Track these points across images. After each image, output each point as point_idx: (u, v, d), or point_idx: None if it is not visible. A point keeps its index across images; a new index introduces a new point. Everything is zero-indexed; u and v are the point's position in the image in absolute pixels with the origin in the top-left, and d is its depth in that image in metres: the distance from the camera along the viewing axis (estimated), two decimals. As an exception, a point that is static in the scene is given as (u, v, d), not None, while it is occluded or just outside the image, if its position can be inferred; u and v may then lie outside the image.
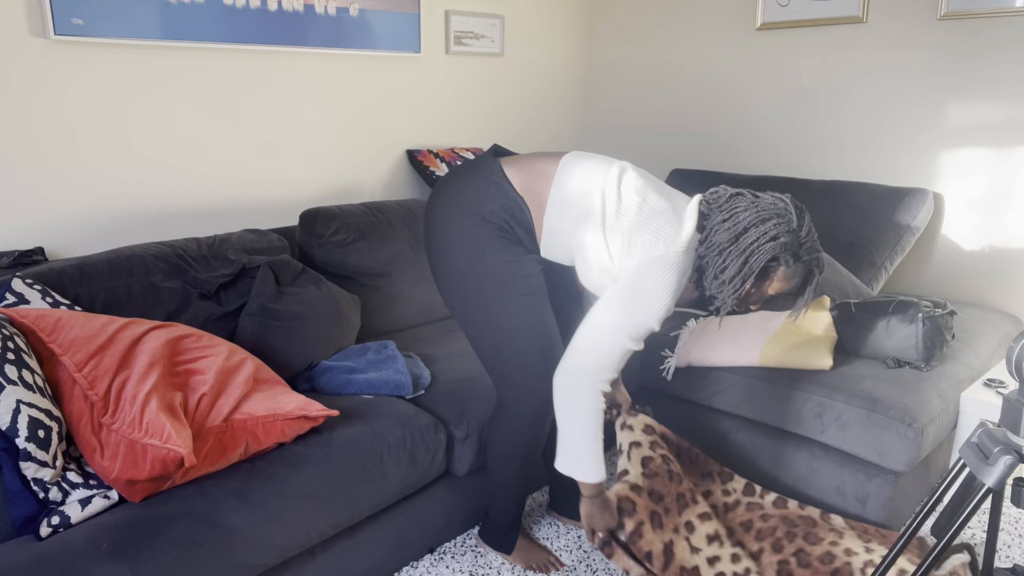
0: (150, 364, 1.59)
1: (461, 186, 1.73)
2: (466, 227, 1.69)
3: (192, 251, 2.13)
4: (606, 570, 2.03)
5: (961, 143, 2.73)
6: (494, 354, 1.76)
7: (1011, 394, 1.36)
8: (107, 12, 2.16)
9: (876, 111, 2.91)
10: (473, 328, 1.76)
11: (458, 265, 1.71)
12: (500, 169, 1.71)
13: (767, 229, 1.52)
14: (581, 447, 1.67)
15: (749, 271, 1.53)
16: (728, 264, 1.54)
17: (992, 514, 1.40)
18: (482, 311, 1.72)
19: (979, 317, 2.59)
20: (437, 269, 1.77)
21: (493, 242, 1.68)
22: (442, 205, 1.74)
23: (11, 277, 1.77)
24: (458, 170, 1.78)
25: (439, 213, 1.74)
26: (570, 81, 3.70)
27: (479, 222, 1.68)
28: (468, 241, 1.69)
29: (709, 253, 1.57)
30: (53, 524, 1.44)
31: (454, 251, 1.71)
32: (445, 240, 1.72)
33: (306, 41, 2.62)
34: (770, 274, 1.56)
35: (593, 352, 1.61)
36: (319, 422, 1.74)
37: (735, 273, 1.54)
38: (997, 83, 2.62)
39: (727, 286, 1.55)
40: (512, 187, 1.68)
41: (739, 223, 1.54)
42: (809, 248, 1.55)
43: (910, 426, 1.96)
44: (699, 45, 3.37)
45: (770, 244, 1.52)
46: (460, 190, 1.72)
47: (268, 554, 1.57)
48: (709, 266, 1.57)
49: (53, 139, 2.16)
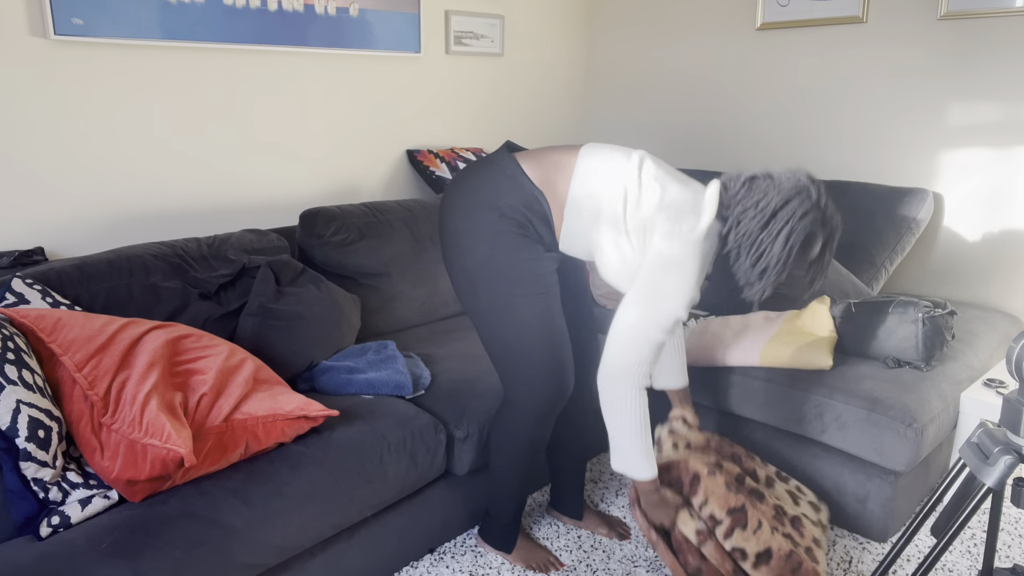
0: (150, 364, 1.59)
1: (477, 182, 1.72)
2: (484, 223, 1.68)
3: (192, 251, 2.13)
4: (606, 570, 2.03)
5: (961, 143, 2.73)
6: (504, 351, 1.76)
7: (1011, 394, 1.36)
8: (107, 12, 2.16)
9: (876, 111, 2.91)
10: (485, 325, 1.76)
11: (475, 262, 1.71)
12: (516, 164, 1.70)
13: (795, 208, 1.52)
14: (630, 444, 1.68)
15: (789, 253, 1.53)
16: (765, 250, 1.54)
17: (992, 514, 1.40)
18: (496, 308, 1.72)
19: (979, 317, 2.59)
20: (452, 265, 1.77)
21: (511, 239, 1.68)
22: (458, 201, 1.73)
23: (11, 277, 1.77)
24: (473, 166, 1.77)
25: (455, 209, 1.73)
26: (570, 81, 3.70)
27: (497, 218, 1.68)
28: (486, 238, 1.68)
29: (742, 243, 1.56)
30: (53, 524, 1.44)
31: (471, 247, 1.70)
32: (462, 236, 1.72)
33: (306, 41, 2.62)
34: (807, 250, 1.57)
35: (626, 351, 1.62)
36: (319, 422, 1.74)
37: (778, 258, 1.53)
38: (997, 83, 2.62)
39: (771, 271, 1.55)
40: (530, 181, 1.68)
41: (766, 208, 1.54)
42: (831, 214, 1.57)
43: (910, 426, 1.96)
44: (699, 45, 3.37)
45: (802, 223, 1.52)
46: (477, 186, 1.71)
47: (268, 554, 1.57)
48: (744, 255, 1.57)
49: (53, 139, 2.16)
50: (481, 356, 2.26)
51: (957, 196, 2.77)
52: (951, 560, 2.07)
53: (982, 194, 2.71)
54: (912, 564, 2.05)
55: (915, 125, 2.82)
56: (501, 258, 1.68)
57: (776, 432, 2.25)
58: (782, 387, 2.16)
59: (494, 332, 1.75)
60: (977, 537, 2.17)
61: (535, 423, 1.82)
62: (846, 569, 2.03)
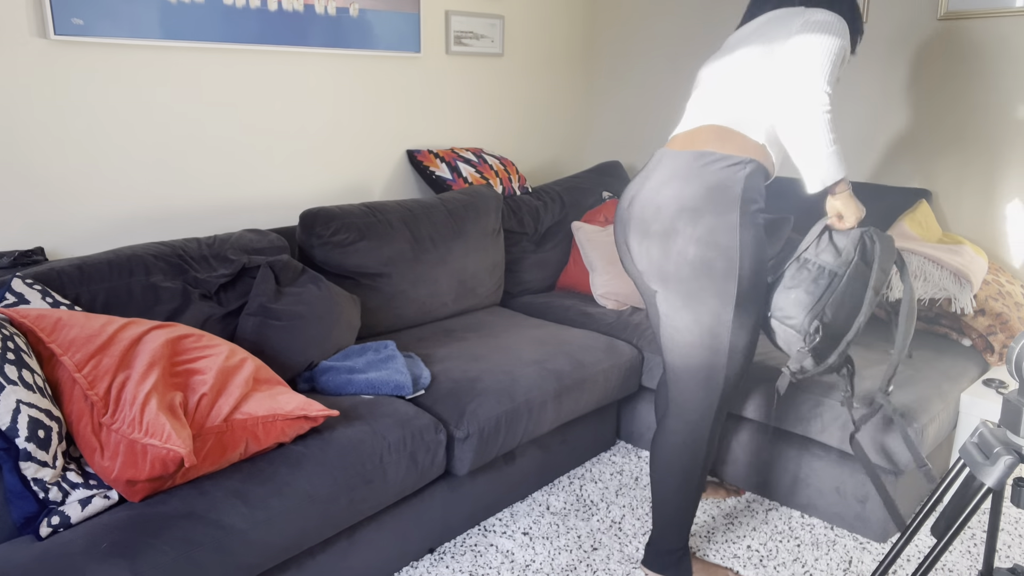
0: (150, 364, 1.59)
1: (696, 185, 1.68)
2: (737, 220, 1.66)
3: (192, 251, 2.13)
4: (606, 570, 2.03)
5: (961, 143, 2.73)
6: (700, 360, 1.74)
7: (1011, 394, 1.36)
8: (107, 12, 2.16)
9: (876, 111, 2.91)
10: (690, 329, 1.72)
11: (737, 261, 1.66)
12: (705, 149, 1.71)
13: None
14: (829, 151, 1.62)
15: None
16: None
17: (992, 514, 1.40)
18: (716, 314, 1.69)
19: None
20: (680, 263, 1.70)
21: (760, 239, 1.69)
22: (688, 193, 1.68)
23: (11, 277, 1.77)
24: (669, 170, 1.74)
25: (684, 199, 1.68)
26: (570, 81, 3.70)
27: (749, 215, 1.67)
28: (745, 238, 1.66)
29: None
30: (53, 524, 1.44)
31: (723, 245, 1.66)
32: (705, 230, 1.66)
33: (306, 41, 2.62)
34: None
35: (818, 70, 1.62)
36: (319, 422, 1.74)
37: None
38: (997, 83, 2.62)
39: None
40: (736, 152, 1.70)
41: None
42: None
43: (910, 426, 1.96)
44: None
45: None
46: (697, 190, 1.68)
47: (268, 554, 1.57)
48: None
49: (53, 139, 2.16)
50: (481, 356, 2.26)
51: (956, 196, 2.77)
52: (951, 560, 2.07)
53: (982, 194, 2.71)
54: (912, 564, 2.05)
55: (915, 125, 2.82)
56: (750, 260, 1.73)
57: (776, 432, 2.25)
58: (782, 387, 2.16)
59: (699, 339, 1.75)
60: (977, 537, 2.17)
61: (708, 435, 1.81)
62: (846, 569, 2.03)
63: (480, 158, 3.08)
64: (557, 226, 3.06)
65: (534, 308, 2.85)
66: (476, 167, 3.02)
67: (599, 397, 2.36)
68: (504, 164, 3.13)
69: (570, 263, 2.99)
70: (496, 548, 2.11)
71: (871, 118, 2.92)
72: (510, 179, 3.10)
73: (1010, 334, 2.35)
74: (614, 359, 2.40)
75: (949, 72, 2.71)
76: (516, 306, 2.91)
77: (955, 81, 2.70)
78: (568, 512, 2.28)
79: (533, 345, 2.35)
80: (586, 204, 3.16)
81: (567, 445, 2.45)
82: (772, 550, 2.12)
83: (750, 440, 2.31)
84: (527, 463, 2.31)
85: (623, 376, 2.43)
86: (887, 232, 2.60)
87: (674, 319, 1.74)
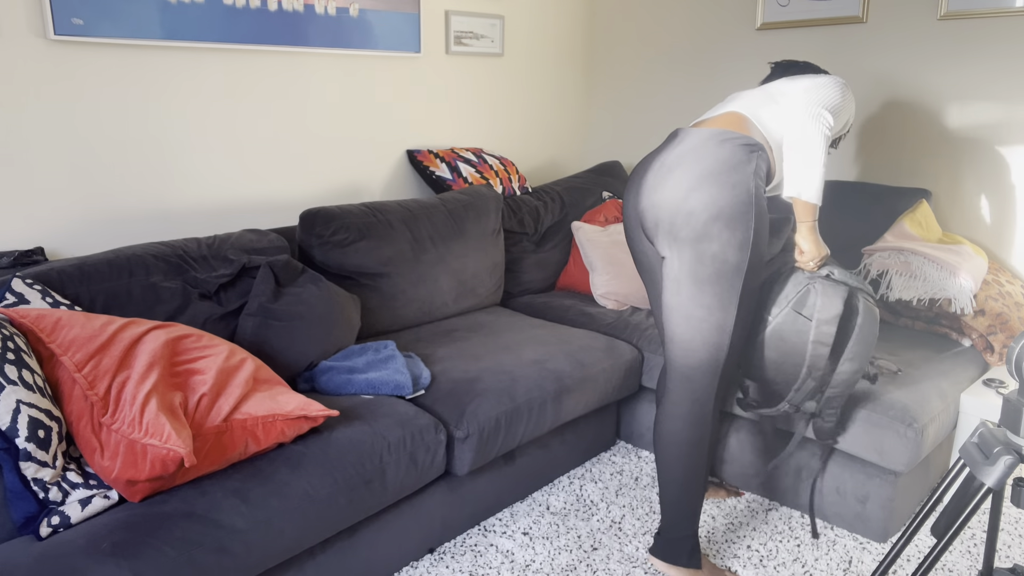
0: (150, 364, 1.59)
1: (711, 162, 1.76)
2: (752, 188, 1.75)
3: (192, 251, 2.13)
4: (606, 570, 2.03)
5: (961, 143, 2.73)
6: (705, 352, 1.80)
7: (1011, 394, 1.36)
8: (107, 12, 2.16)
9: (876, 111, 2.91)
10: (698, 320, 1.78)
11: (746, 253, 1.74)
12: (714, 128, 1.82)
13: None
14: (816, 173, 1.75)
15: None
16: None
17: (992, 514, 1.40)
18: (725, 305, 1.76)
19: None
20: (699, 259, 1.76)
21: (766, 227, 1.77)
22: (698, 178, 1.76)
23: (11, 277, 1.77)
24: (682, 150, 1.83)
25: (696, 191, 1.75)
26: (570, 81, 3.70)
27: (755, 204, 1.73)
28: (752, 227, 1.74)
29: None
30: (53, 524, 1.44)
31: (731, 238, 1.73)
32: (713, 223, 1.73)
33: (306, 41, 2.62)
34: None
35: (822, 98, 1.79)
36: (319, 422, 1.74)
37: None
38: (997, 83, 2.62)
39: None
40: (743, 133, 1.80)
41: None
42: None
43: (910, 426, 1.96)
44: (700, 46, 3.37)
45: None
46: (713, 165, 1.76)
47: (268, 554, 1.57)
48: None
49: (53, 139, 2.16)
50: (481, 356, 2.26)
51: (956, 196, 2.77)
52: (951, 560, 2.07)
53: (982, 194, 2.71)
54: (912, 564, 2.05)
55: (915, 125, 2.82)
56: (756, 249, 1.82)
57: (776, 432, 2.25)
58: (782, 387, 2.16)
59: (710, 329, 1.81)
60: (977, 537, 2.17)
61: (712, 421, 1.88)
62: (846, 569, 2.03)
63: (480, 158, 3.08)
64: (557, 226, 3.06)
65: (534, 308, 2.85)
66: (476, 167, 3.02)
67: (599, 397, 2.36)
68: (504, 164, 3.13)
69: (570, 263, 2.99)
70: (496, 548, 2.11)
71: (870, 117, 2.92)
72: (510, 179, 3.10)
73: (1010, 334, 2.35)
74: (614, 359, 2.40)
75: (949, 72, 2.71)
76: (516, 306, 2.91)
77: (955, 81, 2.70)
78: (568, 512, 2.28)
79: (533, 345, 2.35)
80: (586, 204, 3.16)
81: (567, 445, 2.45)
82: (772, 550, 2.12)
83: (750, 440, 2.31)
84: (527, 463, 2.31)
85: (623, 376, 2.43)
86: (887, 232, 2.61)
87: (684, 296, 1.81)
